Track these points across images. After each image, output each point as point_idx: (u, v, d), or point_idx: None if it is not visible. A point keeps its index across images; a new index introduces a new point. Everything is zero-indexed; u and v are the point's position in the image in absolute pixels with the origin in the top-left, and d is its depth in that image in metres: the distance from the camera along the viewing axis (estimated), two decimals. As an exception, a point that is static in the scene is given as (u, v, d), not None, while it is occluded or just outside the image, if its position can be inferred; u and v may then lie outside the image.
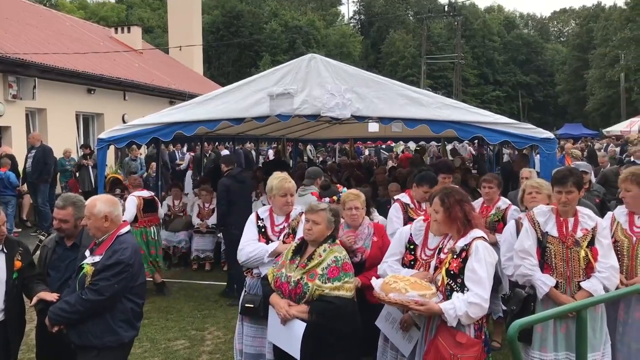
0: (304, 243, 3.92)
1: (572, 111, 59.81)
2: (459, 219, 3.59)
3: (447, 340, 3.41)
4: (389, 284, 3.51)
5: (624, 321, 4.14)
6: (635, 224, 4.22)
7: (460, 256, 3.50)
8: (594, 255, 3.88)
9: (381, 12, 68.92)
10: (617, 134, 29.95)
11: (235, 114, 7.50)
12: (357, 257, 4.64)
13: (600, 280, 3.85)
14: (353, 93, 7.17)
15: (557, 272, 3.95)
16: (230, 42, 51.65)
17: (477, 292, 3.36)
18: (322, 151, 24.94)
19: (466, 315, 3.34)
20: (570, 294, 3.91)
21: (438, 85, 57.23)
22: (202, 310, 7.25)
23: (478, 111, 7.41)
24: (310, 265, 3.72)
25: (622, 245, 4.19)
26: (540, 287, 3.94)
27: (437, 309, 3.39)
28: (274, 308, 3.79)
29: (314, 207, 3.88)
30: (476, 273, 3.40)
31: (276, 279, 3.83)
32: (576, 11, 77.88)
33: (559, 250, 3.95)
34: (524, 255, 4.03)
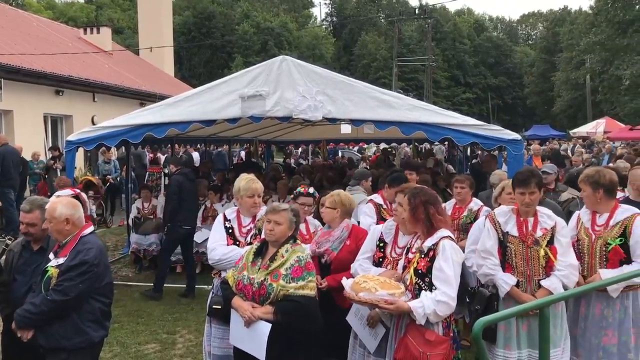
0: (264, 244, 3.91)
1: (540, 112, 60.98)
2: (422, 219, 3.65)
3: (416, 339, 3.46)
4: (359, 284, 3.55)
5: (585, 317, 4.24)
6: (596, 223, 4.32)
7: (428, 255, 3.56)
8: (554, 254, 3.97)
9: (353, 14, 69.26)
10: (584, 135, 30.64)
11: (207, 116, 7.48)
12: (324, 258, 4.67)
13: (559, 278, 3.95)
14: (325, 95, 7.21)
15: (517, 271, 4.04)
16: (201, 43, 51.31)
17: (445, 291, 3.42)
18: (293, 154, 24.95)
19: (434, 314, 3.40)
20: (531, 292, 4.00)
21: (410, 87, 57.71)
22: (173, 314, 7.20)
23: (447, 113, 7.52)
24: (273, 266, 3.72)
25: (583, 243, 4.30)
26: (501, 286, 4.03)
27: (406, 308, 3.44)
28: (236, 311, 3.77)
29: (275, 208, 3.89)
30: (443, 272, 3.46)
31: (238, 281, 3.82)
32: (544, 15, 79.43)
33: (520, 250, 4.04)
34: (486, 255, 4.11)
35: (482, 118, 46.22)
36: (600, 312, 4.17)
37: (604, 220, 4.29)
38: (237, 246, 4.46)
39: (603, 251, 4.19)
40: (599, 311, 4.18)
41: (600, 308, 4.17)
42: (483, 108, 63.28)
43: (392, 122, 7.30)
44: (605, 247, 4.18)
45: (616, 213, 4.28)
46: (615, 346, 4.10)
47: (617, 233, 4.18)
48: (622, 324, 4.12)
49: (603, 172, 4.49)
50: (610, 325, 4.13)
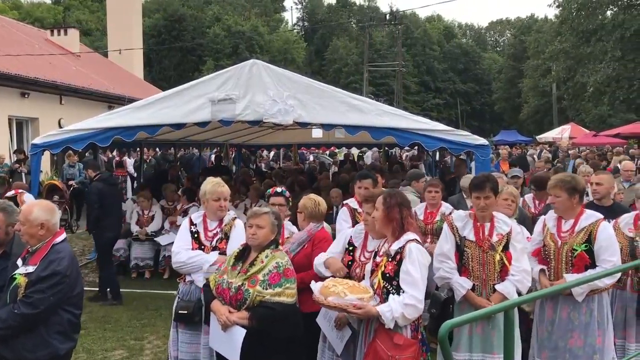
0: (246, 249, 3.90)
1: (508, 118, 61.96)
2: (395, 220, 3.68)
3: (385, 343, 3.48)
4: (328, 288, 3.56)
5: (552, 320, 4.31)
6: (562, 229, 4.40)
7: (395, 259, 3.59)
8: (508, 260, 4.05)
9: (324, 19, 69.49)
10: (550, 140, 31.28)
11: (177, 119, 7.42)
12: None
13: (513, 283, 4.03)
14: (295, 99, 7.23)
15: (473, 275, 4.12)
16: (172, 46, 50.78)
17: (412, 294, 3.45)
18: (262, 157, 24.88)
19: (402, 317, 3.43)
20: (486, 296, 4.08)
21: (380, 92, 58.08)
22: (141, 320, 7.11)
23: (416, 118, 7.62)
24: (252, 271, 3.71)
25: (549, 249, 4.39)
26: (457, 290, 4.10)
27: (374, 312, 3.46)
28: (214, 314, 3.77)
29: (257, 212, 3.88)
30: (410, 275, 3.50)
31: (217, 285, 3.81)
32: (511, 22, 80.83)
33: (476, 254, 4.12)
34: (443, 258, 4.18)
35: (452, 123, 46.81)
36: (567, 316, 4.25)
37: (570, 226, 4.37)
38: (202, 250, 4.45)
39: (569, 257, 4.27)
40: (566, 315, 4.26)
41: (567, 311, 4.25)
42: (452, 113, 64.05)
43: (362, 127, 7.37)
44: (571, 253, 4.26)
45: (581, 219, 4.36)
46: (582, 348, 4.18)
47: (582, 239, 4.26)
48: (588, 326, 4.21)
49: (577, 178, 4.61)
50: (577, 327, 4.21)
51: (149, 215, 9.55)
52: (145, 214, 9.56)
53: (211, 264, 4.29)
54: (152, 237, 9.38)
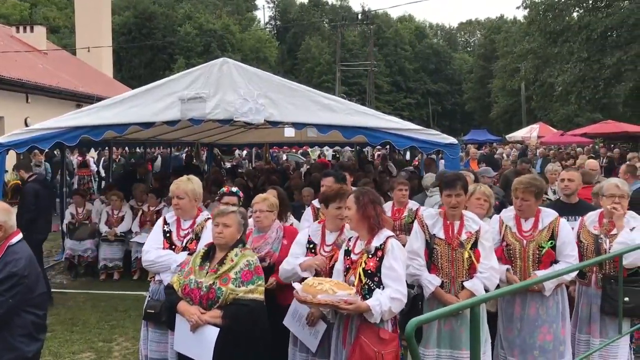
0: (212, 248, 3.88)
1: (478, 117, 62.79)
2: (371, 217, 3.71)
3: (370, 339, 3.52)
4: (313, 286, 3.54)
5: (520, 317, 4.36)
6: (523, 228, 4.48)
7: (376, 255, 3.63)
8: (477, 257, 4.11)
9: (297, 18, 69.38)
10: (519, 139, 31.81)
11: (145, 118, 7.31)
12: (266, 261, 4.66)
13: (481, 280, 4.08)
14: (266, 98, 7.20)
15: (443, 273, 4.16)
16: (142, 44, 50.11)
17: (397, 288, 3.52)
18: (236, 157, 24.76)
19: (389, 311, 3.49)
20: (455, 293, 4.12)
21: (353, 91, 58.28)
22: (109, 321, 7.00)
23: (387, 117, 7.67)
24: (223, 270, 3.69)
25: (514, 248, 4.44)
26: (426, 287, 4.13)
27: (364, 307, 3.49)
28: (182, 316, 3.71)
29: (223, 210, 3.87)
30: (394, 270, 3.56)
31: (184, 286, 3.77)
32: (481, 23, 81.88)
33: (445, 252, 4.16)
34: (413, 256, 4.21)
35: (423, 123, 47.25)
36: (536, 311, 4.31)
37: (531, 224, 4.44)
38: (172, 250, 4.41)
39: (536, 254, 4.34)
40: (535, 310, 4.32)
41: (536, 307, 4.31)
42: (423, 113, 64.65)
43: (334, 126, 7.38)
44: (538, 250, 4.33)
45: (541, 217, 4.45)
46: (551, 342, 4.25)
47: (547, 236, 4.35)
48: (556, 319, 4.30)
49: (542, 180, 4.68)
50: (545, 322, 4.28)
51: (118, 215, 9.42)
52: (115, 214, 9.42)
53: (178, 264, 4.25)
54: (122, 238, 9.26)
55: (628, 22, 17.90)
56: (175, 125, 7.69)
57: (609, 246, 4.56)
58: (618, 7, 19.23)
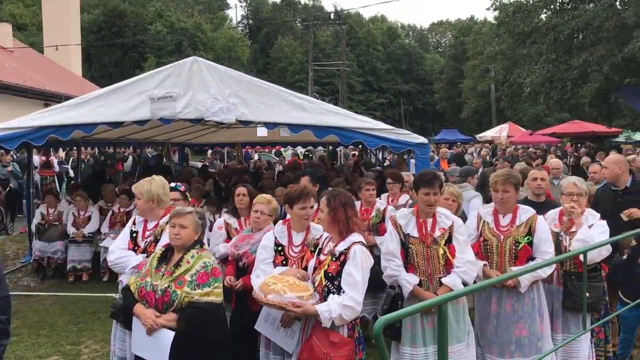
0: (169, 250, 3.82)
1: (449, 117, 63.41)
2: (341, 221, 3.71)
3: (321, 340, 3.51)
4: (268, 285, 3.55)
5: (497, 313, 4.41)
6: (500, 224, 4.53)
7: (339, 259, 3.62)
8: (452, 252, 4.15)
9: (269, 17, 69.17)
10: (489, 139, 32.28)
11: (114, 118, 7.22)
12: (242, 261, 4.64)
13: (458, 275, 4.13)
14: (237, 97, 7.16)
15: (419, 271, 4.19)
16: (112, 43, 49.33)
17: (352, 296, 3.49)
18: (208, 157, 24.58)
19: (340, 317, 3.47)
20: (433, 290, 4.16)
21: (326, 91, 58.36)
22: (78, 324, 6.88)
23: (358, 117, 7.69)
24: (178, 272, 3.65)
25: (491, 243, 4.49)
26: (405, 286, 4.16)
27: (312, 311, 3.48)
28: (138, 319, 3.67)
29: (180, 211, 3.82)
30: (353, 277, 3.53)
31: (140, 288, 3.72)
32: (452, 24, 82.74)
33: (420, 250, 4.19)
34: (390, 257, 4.24)
35: (395, 122, 47.52)
36: (512, 308, 4.35)
37: (509, 220, 4.49)
38: (135, 251, 4.37)
39: (513, 250, 4.39)
40: (510, 307, 4.36)
41: (511, 303, 4.36)
42: (395, 113, 65.07)
43: (305, 126, 7.38)
44: (515, 245, 4.38)
45: (519, 213, 4.50)
46: (527, 337, 4.30)
47: (524, 232, 4.40)
48: (531, 315, 4.34)
49: (516, 172, 4.75)
50: (521, 318, 4.33)
51: (85, 216, 9.26)
52: (82, 215, 9.26)
53: (134, 266, 4.22)
54: (90, 239, 9.12)
55: (593, 24, 18.26)
56: (145, 124, 7.62)
57: (569, 243, 4.66)
58: (584, 9, 19.60)
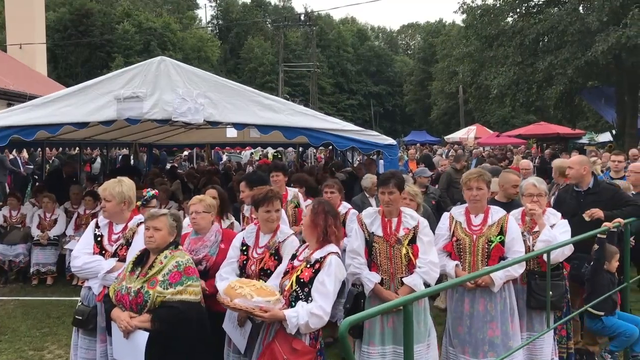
0: (146, 253, 3.80)
1: (418, 119, 64.09)
2: (320, 227, 3.73)
3: (283, 346, 3.50)
4: (234, 289, 3.52)
5: (470, 314, 4.44)
6: (472, 223, 4.59)
7: (314, 267, 3.63)
8: (415, 253, 4.20)
9: (239, 17, 68.81)
10: (457, 140, 32.72)
11: (79, 118, 7.09)
12: (202, 264, 4.59)
13: (420, 275, 4.18)
14: (205, 98, 7.11)
15: (382, 270, 4.24)
16: (79, 42, 48.44)
17: (321, 305, 3.49)
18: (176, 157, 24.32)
19: (306, 325, 3.47)
20: (394, 290, 4.21)
21: (296, 92, 58.34)
22: (41, 329, 6.72)
23: (327, 118, 7.71)
24: (151, 273, 3.63)
25: (463, 243, 4.53)
26: (366, 284, 4.20)
27: (280, 316, 3.48)
28: (115, 322, 3.65)
29: (153, 214, 3.80)
30: (325, 286, 3.54)
31: (117, 292, 3.71)
32: (421, 26, 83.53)
33: (384, 249, 4.24)
34: (353, 255, 4.28)
35: (365, 124, 47.75)
36: (484, 308, 4.40)
37: (480, 220, 4.55)
38: (102, 256, 4.29)
39: (485, 249, 4.44)
40: (483, 307, 4.41)
41: (484, 303, 4.41)
42: (366, 114, 65.45)
43: (275, 127, 7.36)
44: (487, 244, 4.43)
45: (491, 213, 4.57)
46: (499, 337, 4.35)
47: (496, 231, 4.46)
48: (503, 314, 4.40)
49: (487, 172, 4.83)
50: (494, 318, 4.38)
51: (51, 218, 9.07)
52: (48, 217, 9.07)
53: (107, 271, 4.14)
54: (55, 242, 8.94)
55: (558, 28, 18.68)
56: (111, 125, 7.50)
57: (532, 243, 4.76)
58: (549, 13, 20.03)
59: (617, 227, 5.27)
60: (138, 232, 4.27)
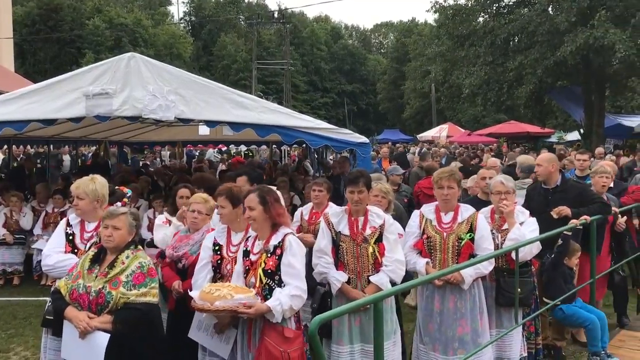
0: (102, 251, 3.72)
1: (392, 118, 64.39)
2: (276, 217, 3.73)
3: (275, 339, 3.51)
4: (211, 293, 3.48)
5: (440, 311, 4.46)
6: (443, 221, 4.61)
7: (275, 253, 3.63)
8: (381, 251, 4.22)
9: (212, 14, 68.24)
10: (429, 138, 33.02)
11: (47, 115, 6.98)
12: (182, 262, 4.55)
13: (386, 274, 4.20)
14: (177, 95, 7.04)
15: (349, 269, 4.26)
16: (48, 37, 47.45)
17: (297, 285, 3.53)
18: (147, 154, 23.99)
19: (290, 309, 3.50)
20: (361, 288, 4.22)
21: (270, 90, 58.10)
22: (7, 330, 6.57)
23: (300, 116, 7.72)
24: (113, 273, 3.56)
25: (434, 240, 4.56)
26: (333, 284, 4.21)
27: (265, 309, 3.47)
28: (70, 322, 3.54)
29: (113, 212, 3.71)
30: (293, 267, 3.57)
31: (72, 290, 3.59)
32: (394, 25, 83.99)
33: (350, 248, 4.26)
34: (320, 254, 4.29)
35: (339, 122, 47.76)
36: (454, 305, 4.43)
37: (450, 218, 4.58)
38: (75, 254, 4.20)
39: (455, 246, 4.47)
40: (453, 304, 4.43)
41: (454, 301, 4.43)
42: (339, 112, 65.52)
43: (247, 124, 7.34)
44: (458, 242, 4.46)
45: (460, 211, 4.60)
46: (469, 334, 4.39)
47: (465, 229, 4.50)
48: (472, 311, 4.44)
49: (458, 170, 4.87)
50: (464, 315, 4.41)
51: (18, 217, 8.86)
52: (14, 216, 8.86)
53: None
54: (22, 241, 8.74)
55: (528, 28, 18.97)
56: (79, 122, 7.38)
57: (501, 241, 4.82)
58: (519, 13, 20.34)
59: (584, 224, 5.39)
60: None
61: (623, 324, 6.42)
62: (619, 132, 21.78)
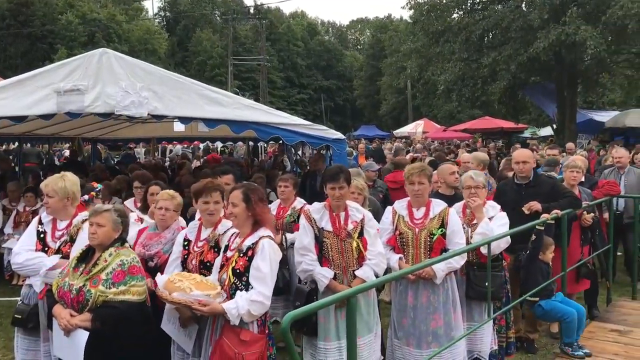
0: (91, 249, 3.71)
1: (368, 114, 64.64)
2: (256, 216, 3.70)
3: (231, 339, 3.47)
4: (173, 283, 3.48)
5: (414, 306, 4.50)
6: (415, 217, 4.65)
7: (247, 254, 3.60)
8: (364, 245, 4.24)
9: (187, 10, 67.60)
10: (405, 135, 33.21)
11: (16, 111, 6.82)
12: (154, 261, 4.51)
13: (371, 267, 4.23)
14: (150, 91, 6.95)
15: (334, 264, 4.26)
16: (18, 32, 46.53)
17: (260, 290, 3.47)
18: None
19: (248, 314, 3.44)
20: (347, 283, 4.23)
21: (246, 86, 57.85)
22: (-23, 331, 6.47)
23: (276, 113, 7.68)
24: (95, 271, 3.54)
25: (407, 236, 4.59)
26: (320, 281, 4.20)
27: (219, 310, 3.44)
28: (56, 319, 3.55)
29: (97, 209, 3.70)
30: (260, 271, 3.52)
31: (59, 288, 3.60)
32: (370, 21, 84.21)
33: (334, 243, 4.26)
34: (304, 252, 4.26)
35: (316, 118, 47.76)
36: (427, 300, 4.47)
37: (422, 213, 4.61)
38: (45, 253, 4.15)
39: (427, 241, 4.50)
40: (426, 299, 4.47)
41: (427, 295, 4.47)
42: (316, 108, 65.54)
43: (222, 121, 7.28)
44: (430, 237, 4.50)
45: (432, 206, 4.63)
46: (442, 328, 4.43)
47: (437, 224, 4.53)
48: (445, 305, 4.48)
49: (428, 166, 4.91)
50: (437, 309, 4.45)
51: (-11, 217, 8.71)
52: (-15, 216, 8.70)
53: (49, 268, 4.02)
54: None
55: (502, 24, 19.23)
56: (50, 119, 7.25)
57: (470, 235, 4.88)
58: (493, 10, 20.58)
59: (555, 218, 5.48)
60: (83, 229, 4.14)
61: (593, 315, 6.54)
62: (591, 127, 22.16)
